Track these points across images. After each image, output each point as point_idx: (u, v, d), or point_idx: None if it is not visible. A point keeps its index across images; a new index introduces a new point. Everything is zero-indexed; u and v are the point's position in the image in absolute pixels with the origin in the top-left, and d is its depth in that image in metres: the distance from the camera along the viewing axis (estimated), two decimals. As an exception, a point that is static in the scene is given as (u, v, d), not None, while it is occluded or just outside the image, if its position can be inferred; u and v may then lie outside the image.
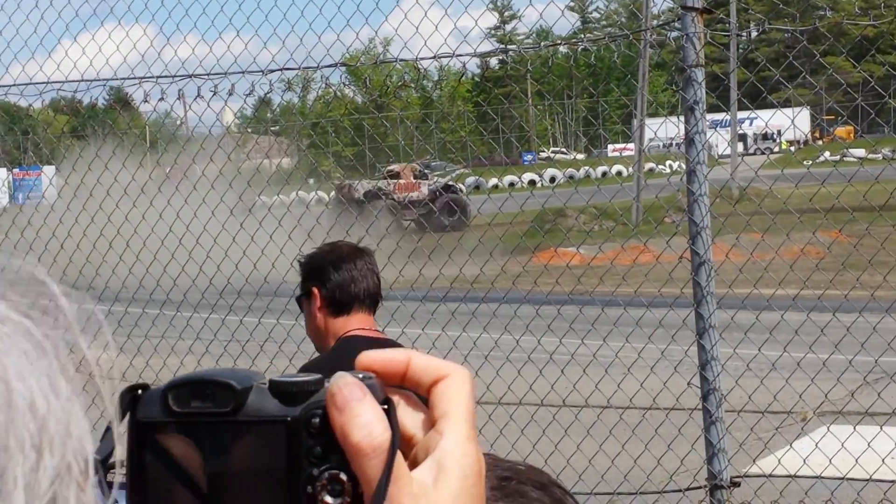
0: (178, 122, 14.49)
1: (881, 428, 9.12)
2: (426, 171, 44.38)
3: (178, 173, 12.50)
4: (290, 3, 10.34)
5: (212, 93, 10.12)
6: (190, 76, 10.22)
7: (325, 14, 12.03)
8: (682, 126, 8.62)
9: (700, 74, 8.16)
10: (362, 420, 0.99)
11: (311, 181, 20.99)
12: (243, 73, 10.23)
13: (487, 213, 11.26)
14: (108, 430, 0.99)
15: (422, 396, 1.08)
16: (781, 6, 10.19)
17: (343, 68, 11.14)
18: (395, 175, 43.79)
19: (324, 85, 11.39)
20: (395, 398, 1.06)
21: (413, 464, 1.03)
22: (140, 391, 1.03)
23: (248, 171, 13.19)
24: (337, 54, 20.81)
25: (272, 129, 24.63)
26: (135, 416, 1.02)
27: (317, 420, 1.00)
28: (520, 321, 10.29)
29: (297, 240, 10.09)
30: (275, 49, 57.03)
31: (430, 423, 1.05)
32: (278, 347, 10.45)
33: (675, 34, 9.09)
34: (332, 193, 21.75)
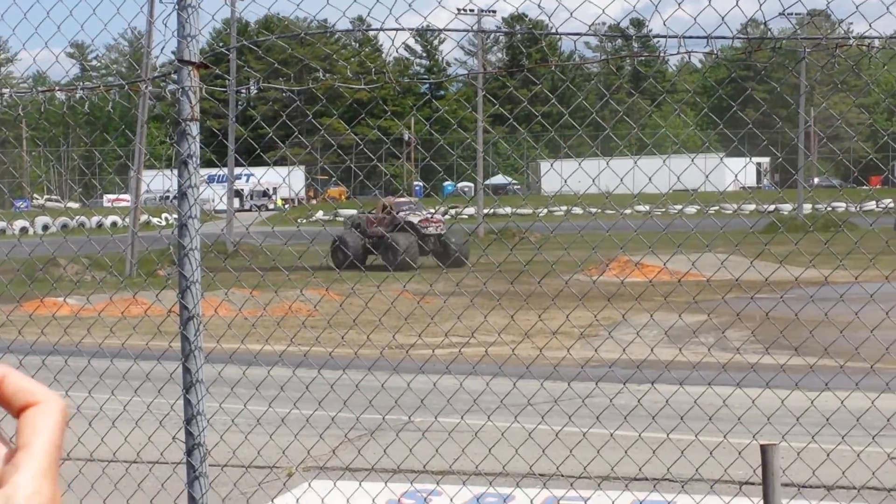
0: None
1: (360, 484, 9.37)
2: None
3: None
4: None
5: None
6: None
7: None
8: (176, 179, 8.58)
9: (195, 128, 8.15)
10: None
11: None
12: None
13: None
14: None
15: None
16: (279, 66, 10.37)
17: None
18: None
19: None
20: None
21: None
22: None
23: None
24: None
25: None
26: None
27: None
28: (0, 373, 9.92)
29: None
30: None
31: (13, 453, 0.98)
32: None
33: (172, 87, 9.05)
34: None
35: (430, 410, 10.11)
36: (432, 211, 44.41)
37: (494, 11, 25.53)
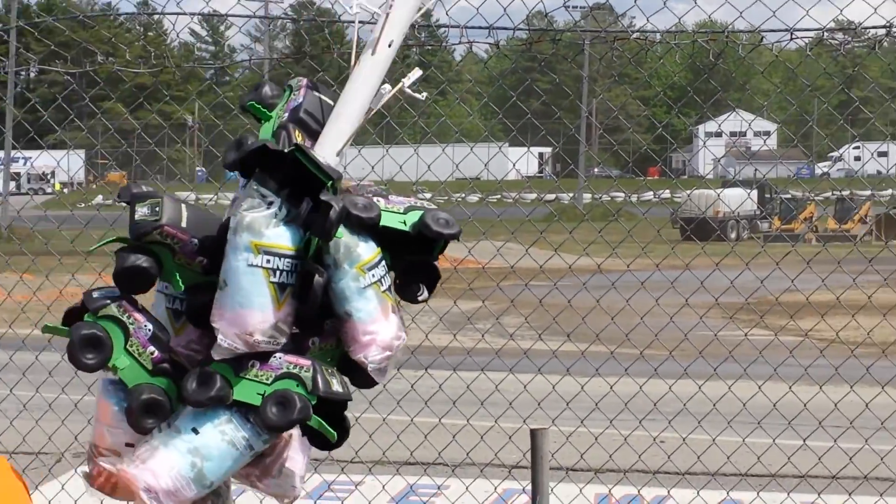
0: None
1: (130, 469, 9.22)
2: None
3: None
4: None
5: None
6: None
7: None
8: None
9: (-36, 109, 7.93)
10: None
11: None
12: None
13: None
14: None
15: None
16: (58, 49, 10.16)
17: None
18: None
19: None
20: None
21: None
22: None
23: None
24: None
25: None
26: None
27: None
28: None
29: None
30: None
31: None
32: None
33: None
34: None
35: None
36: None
37: (282, -3, 25.36)
